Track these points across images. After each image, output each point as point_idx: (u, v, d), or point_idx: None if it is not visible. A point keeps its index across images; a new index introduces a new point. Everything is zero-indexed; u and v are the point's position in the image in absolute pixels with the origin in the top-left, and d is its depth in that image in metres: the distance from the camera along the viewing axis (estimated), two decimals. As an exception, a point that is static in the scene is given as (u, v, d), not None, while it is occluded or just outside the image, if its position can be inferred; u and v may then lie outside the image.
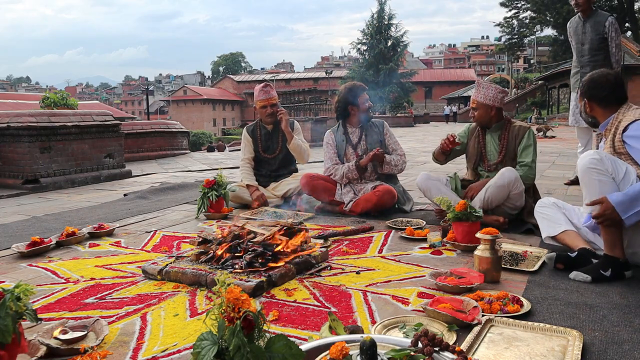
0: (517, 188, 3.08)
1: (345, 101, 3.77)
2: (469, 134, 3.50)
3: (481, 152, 3.38)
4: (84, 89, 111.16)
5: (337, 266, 2.46)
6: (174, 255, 2.49)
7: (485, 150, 3.37)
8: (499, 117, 3.33)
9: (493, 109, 3.27)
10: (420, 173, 3.48)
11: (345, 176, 3.72)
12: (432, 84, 54.68)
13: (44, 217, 3.95)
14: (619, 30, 4.61)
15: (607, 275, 2.14)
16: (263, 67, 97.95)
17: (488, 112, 3.28)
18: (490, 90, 3.27)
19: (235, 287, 1.19)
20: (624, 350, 1.53)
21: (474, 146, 3.42)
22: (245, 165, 4.15)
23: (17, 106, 12.38)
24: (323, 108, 18.44)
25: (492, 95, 3.26)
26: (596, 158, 2.15)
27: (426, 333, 1.25)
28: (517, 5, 39.26)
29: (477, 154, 3.40)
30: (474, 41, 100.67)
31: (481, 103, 3.28)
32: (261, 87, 4.11)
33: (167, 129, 9.94)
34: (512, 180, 3.04)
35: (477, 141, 3.41)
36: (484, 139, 3.39)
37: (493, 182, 3.10)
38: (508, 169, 3.09)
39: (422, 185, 3.42)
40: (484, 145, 3.38)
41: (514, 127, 3.30)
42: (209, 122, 55.40)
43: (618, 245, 2.16)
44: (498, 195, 3.08)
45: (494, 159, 3.33)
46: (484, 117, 3.31)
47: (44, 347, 1.54)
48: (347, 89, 3.81)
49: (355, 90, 3.76)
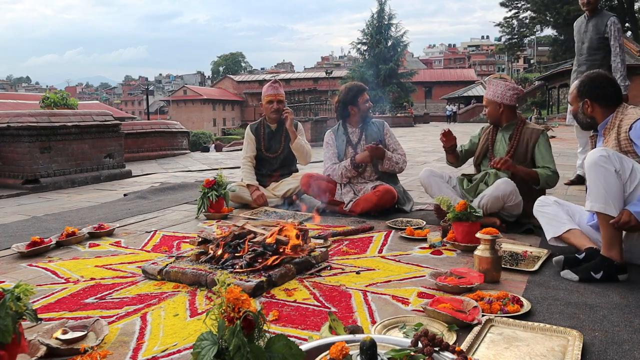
0: (513, 200, 3.03)
1: (345, 101, 3.77)
2: (481, 133, 3.50)
3: (488, 148, 3.36)
4: (84, 89, 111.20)
5: (337, 266, 2.46)
6: (174, 255, 2.49)
7: (493, 147, 3.34)
8: (511, 116, 3.28)
9: (502, 106, 3.24)
10: (423, 169, 3.50)
11: (343, 175, 3.72)
12: (432, 84, 54.66)
13: (44, 217, 3.95)
14: (622, 30, 4.61)
15: (597, 278, 2.12)
16: (263, 67, 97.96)
17: (497, 109, 3.26)
18: (499, 87, 3.25)
19: (235, 287, 1.19)
20: (624, 350, 1.53)
21: (482, 143, 3.42)
22: (247, 164, 4.15)
23: (17, 106, 12.38)
24: (323, 108, 18.43)
25: (501, 92, 3.24)
26: (605, 155, 2.11)
27: (426, 333, 1.25)
28: (517, 5, 39.26)
29: (484, 150, 3.39)
30: (474, 41, 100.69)
31: (490, 100, 3.27)
32: (270, 83, 4.13)
33: (167, 129, 9.94)
34: (506, 193, 3.00)
35: (486, 138, 3.41)
36: (494, 136, 3.37)
37: (489, 191, 3.06)
38: (505, 182, 3.02)
39: (425, 181, 3.43)
40: (492, 142, 3.35)
41: (526, 129, 3.24)
42: (209, 122, 55.40)
43: (616, 247, 2.15)
44: (493, 205, 3.05)
45: (498, 156, 3.26)
46: (494, 115, 3.29)
47: (44, 347, 1.54)
48: (347, 89, 3.81)
49: (356, 91, 3.76)
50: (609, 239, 2.15)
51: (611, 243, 2.15)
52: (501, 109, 3.26)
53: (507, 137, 3.29)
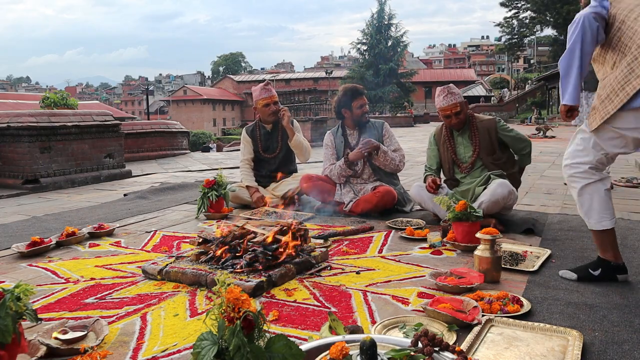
0: (512, 200, 3.04)
1: (339, 104, 3.78)
2: (436, 141, 3.40)
3: (452, 157, 3.29)
4: (84, 89, 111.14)
5: (337, 266, 2.46)
6: (174, 255, 2.50)
7: (456, 153, 3.29)
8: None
9: (466, 105, 3.25)
10: (412, 185, 3.46)
11: (340, 175, 3.73)
12: (432, 84, 54.52)
13: (44, 217, 3.95)
14: None
15: (596, 275, 2.12)
16: (263, 67, 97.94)
17: (466, 110, 3.25)
18: (456, 89, 3.25)
19: (235, 287, 1.19)
20: (624, 350, 1.53)
21: (444, 153, 3.34)
22: (245, 166, 4.15)
23: (17, 106, 12.38)
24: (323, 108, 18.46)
25: (459, 92, 3.24)
26: (579, 170, 2.11)
27: (426, 333, 1.24)
28: (517, 5, 39.23)
29: (449, 160, 3.32)
30: (474, 41, 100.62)
31: (463, 102, 3.21)
32: (262, 86, 4.11)
33: (167, 129, 9.94)
34: (504, 195, 2.98)
35: (445, 147, 3.32)
36: (454, 141, 3.30)
37: (486, 197, 3.01)
38: (500, 184, 3.00)
39: (417, 198, 3.42)
40: (454, 149, 3.29)
41: (480, 122, 3.24)
42: (209, 122, 55.39)
43: (610, 249, 2.13)
44: (493, 209, 3.02)
45: (467, 159, 3.25)
46: (465, 117, 3.24)
47: (44, 347, 1.54)
48: (343, 92, 3.81)
49: (349, 95, 3.73)
50: (600, 244, 2.15)
51: (604, 246, 2.14)
52: (467, 108, 3.26)
53: (467, 137, 3.25)
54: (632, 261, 2.39)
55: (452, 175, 3.35)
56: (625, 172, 5.90)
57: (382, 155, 3.61)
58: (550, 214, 3.54)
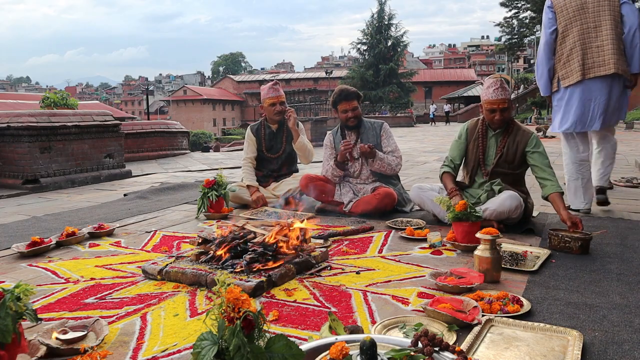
0: (518, 214, 2.98)
1: (332, 104, 3.81)
2: (468, 135, 3.22)
3: (479, 157, 3.14)
4: (84, 89, 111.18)
5: (337, 266, 2.46)
6: (174, 255, 2.49)
7: (484, 155, 3.14)
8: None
9: (513, 105, 3.17)
10: (412, 187, 3.45)
11: (332, 174, 3.76)
12: (432, 84, 54.65)
13: (44, 217, 3.95)
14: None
15: None
16: (263, 67, 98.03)
17: (512, 110, 3.06)
18: (506, 84, 3.05)
19: (235, 287, 1.19)
20: (624, 350, 1.53)
21: (473, 150, 3.17)
22: (247, 165, 4.15)
23: (17, 106, 12.36)
24: (323, 108, 18.46)
25: (509, 89, 3.05)
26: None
27: (426, 333, 1.25)
28: (517, 5, 39.21)
29: (475, 159, 3.17)
30: (474, 41, 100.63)
31: (511, 100, 2.99)
32: (271, 85, 4.11)
33: (167, 129, 9.94)
34: (512, 208, 2.94)
35: (476, 144, 3.15)
36: (486, 142, 3.12)
37: (494, 206, 2.96)
38: (511, 197, 2.93)
39: (417, 200, 3.40)
40: (484, 148, 3.13)
41: (517, 130, 3.08)
42: (209, 122, 55.40)
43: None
44: (497, 218, 2.99)
45: (490, 163, 3.13)
46: (509, 116, 3.03)
47: (44, 347, 1.54)
48: (333, 93, 3.82)
49: (337, 97, 3.72)
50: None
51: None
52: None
53: (499, 140, 3.09)
54: (632, 261, 2.39)
55: (473, 177, 3.21)
56: (625, 172, 5.90)
57: (378, 162, 3.60)
58: (550, 214, 3.53)
